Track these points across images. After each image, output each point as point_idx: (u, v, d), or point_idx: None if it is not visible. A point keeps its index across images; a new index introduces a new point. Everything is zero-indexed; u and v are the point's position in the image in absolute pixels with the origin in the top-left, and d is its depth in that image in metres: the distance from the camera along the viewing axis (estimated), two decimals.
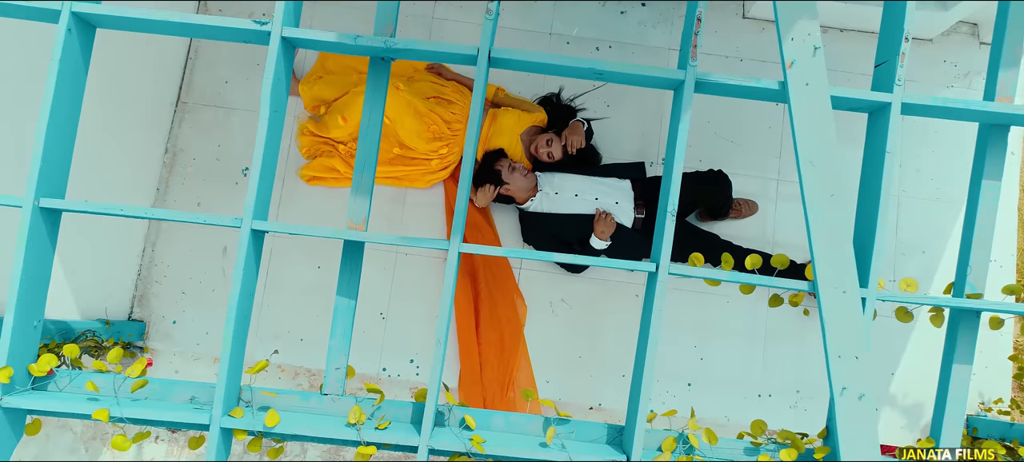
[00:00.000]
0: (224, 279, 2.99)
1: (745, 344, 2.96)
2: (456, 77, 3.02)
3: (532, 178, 2.80)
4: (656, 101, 3.09)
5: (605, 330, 2.96)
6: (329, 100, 2.97)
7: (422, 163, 2.93)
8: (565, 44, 3.13)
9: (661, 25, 3.14)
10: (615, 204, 2.78)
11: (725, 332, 2.96)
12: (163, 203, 3.03)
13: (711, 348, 2.97)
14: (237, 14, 3.14)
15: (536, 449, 1.24)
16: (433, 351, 2.86)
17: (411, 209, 3.01)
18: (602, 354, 2.95)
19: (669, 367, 2.94)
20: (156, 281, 2.99)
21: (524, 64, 1.32)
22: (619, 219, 2.76)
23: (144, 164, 2.95)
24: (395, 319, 2.97)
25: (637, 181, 2.86)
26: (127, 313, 2.97)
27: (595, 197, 2.78)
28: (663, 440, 1.28)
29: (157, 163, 3.02)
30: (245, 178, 3.03)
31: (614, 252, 2.80)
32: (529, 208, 2.82)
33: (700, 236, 2.85)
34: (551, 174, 2.84)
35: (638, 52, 3.12)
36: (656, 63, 3.09)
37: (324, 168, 2.97)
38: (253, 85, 3.08)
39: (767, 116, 3.05)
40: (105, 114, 2.49)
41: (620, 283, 2.96)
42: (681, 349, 2.95)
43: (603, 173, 2.89)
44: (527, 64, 1.31)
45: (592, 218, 2.74)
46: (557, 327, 2.96)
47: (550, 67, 1.30)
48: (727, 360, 2.96)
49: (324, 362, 2.84)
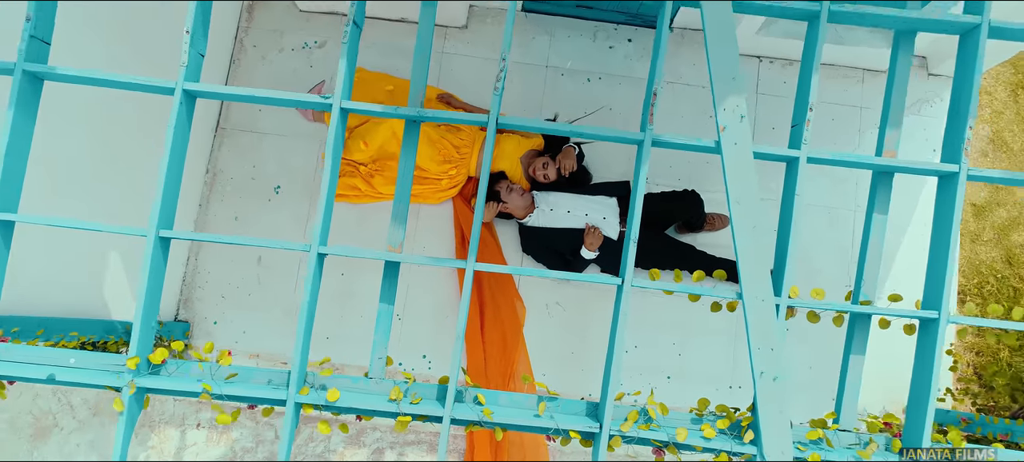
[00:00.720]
0: (259, 285, 3.39)
1: (719, 342, 3.36)
2: (464, 106, 3.42)
3: (528, 197, 3.20)
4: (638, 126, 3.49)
5: (594, 329, 3.37)
6: (351, 127, 3.37)
7: (434, 182, 3.33)
8: (560, 75, 3.54)
9: (644, 58, 3.54)
10: (603, 219, 3.18)
11: (701, 331, 3.36)
12: (205, 218, 3.43)
13: (689, 345, 3.37)
14: (273, 23, 3.53)
15: (532, 419, 1.65)
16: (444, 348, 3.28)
17: (424, 222, 3.42)
18: (592, 350, 3.36)
19: (651, 362, 3.34)
20: (199, 287, 3.39)
21: (524, 126, 1.72)
22: (606, 232, 3.16)
23: (189, 183, 3.33)
24: (409, 320, 3.37)
25: (622, 198, 3.26)
26: (174, 314, 3.37)
27: (585, 213, 3.18)
28: (628, 413, 1.68)
29: (200, 182, 3.43)
30: (277, 195, 3.44)
31: (602, 260, 3.20)
32: (528, 222, 3.23)
33: (678, 247, 3.25)
34: (547, 193, 3.24)
35: (624, 82, 3.53)
36: (639, 91, 3.49)
37: (347, 186, 3.37)
38: (283, 113, 3.48)
39: None
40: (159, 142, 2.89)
41: (606, 289, 3.36)
42: (661, 347, 3.36)
43: (592, 191, 3.29)
44: (527, 126, 1.71)
45: (583, 231, 3.14)
46: (552, 326, 3.37)
47: (543, 128, 1.70)
48: (702, 356, 3.37)
49: (347, 356, 3.25)
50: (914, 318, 1.65)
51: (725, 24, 1.59)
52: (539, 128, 1.70)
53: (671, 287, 1.65)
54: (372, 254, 1.66)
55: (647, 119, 1.64)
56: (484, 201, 1.65)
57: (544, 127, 1.70)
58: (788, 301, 1.62)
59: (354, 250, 1.65)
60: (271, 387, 1.65)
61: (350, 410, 1.63)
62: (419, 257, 1.69)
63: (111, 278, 2.82)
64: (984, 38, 1.60)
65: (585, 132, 1.68)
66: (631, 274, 1.63)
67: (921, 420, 1.62)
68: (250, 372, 1.69)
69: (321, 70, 3.52)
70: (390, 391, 1.65)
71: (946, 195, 1.64)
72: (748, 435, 1.62)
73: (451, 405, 1.61)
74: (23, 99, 1.61)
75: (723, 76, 1.59)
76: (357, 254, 1.64)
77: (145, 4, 2.63)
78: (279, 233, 3.40)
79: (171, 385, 1.60)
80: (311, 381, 1.68)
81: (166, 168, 1.60)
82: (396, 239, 1.72)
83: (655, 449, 1.68)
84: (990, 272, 3.74)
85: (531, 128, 1.70)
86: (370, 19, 3.48)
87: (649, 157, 1.64)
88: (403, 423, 1.62)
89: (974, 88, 1.59)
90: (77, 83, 1.66)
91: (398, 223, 1.72)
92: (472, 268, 1.62)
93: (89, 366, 1.62)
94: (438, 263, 1.67)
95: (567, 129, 1.70)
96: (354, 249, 1.66)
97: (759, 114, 3.52)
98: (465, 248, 3.35)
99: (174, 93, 1.62)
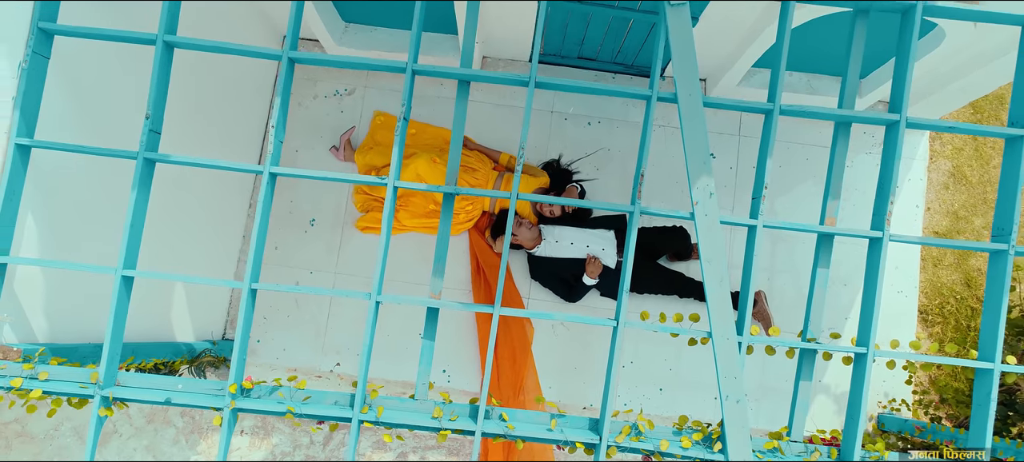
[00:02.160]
0: (297, 308, 3.82)
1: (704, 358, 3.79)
2: (478, 147, 3.85)
3: (536, 231, 3.63)
4: (633, 167, 3.92)
5: (593, 346, 3.80)
6: (378, 166, 3.80)
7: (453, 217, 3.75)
8: (563, 120, 3.97)
9: (639, 105, 3.96)
10: (602, 250, 3.61)
11: (689, 349, 3.79)
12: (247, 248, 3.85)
13: (678, 361, 3.80)
14: (308, 72, 3.97)
15: (545, 432, 2.07)
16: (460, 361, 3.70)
17: None
18: (592, 364, 3.79)
19: (644, 376, 3.77)
20: None
21: (538, 199, 2.14)
22: (605, 262, 3.59)
23: (233, 217, 3.78)
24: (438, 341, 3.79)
25: (618, 231, 3.69)
26: (221, 334, 3.80)
27: (586, 244, 3.61)
28: (622, 427, 2.11)
29: (243, 215, 3.85)
30: (312, 227, 3.86)
31: (601, 285, 3.64)
32: (536, 253, 3.65)
33: (668, 274, 3.68)
34: (553, 226, 3.67)
35: (621, 126, 3.96)
36: (635, 132, 3.92)
37: (374, 220, 3.80)
38: (318, 155, 3.91)
39: (722, 180, 3.89)
40: (211, 184, 3.33)
41: (606, 311, 3.79)
42: (655, 363, 3.79)
43: (593, 225, 3.72)
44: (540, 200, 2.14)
45: (584, 261, 3.57)
46: (557, 344, 3.80)
47: (572, 201, 2.12)
48: (690, 370, 3.79)
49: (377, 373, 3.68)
50: (849, 352, 2.08)
51: (697, 119, 2.01)
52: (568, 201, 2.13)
53: (656, 327, 2.08)
54: (420, 301, 2.09)
55: (636, 195, 2.07)
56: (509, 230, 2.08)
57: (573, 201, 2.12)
58: (748, 339, 2.04)
59: (406, 298, 2.08)
60: (338, 407, 2.08)
61: (401, 426, 2.06)
62: (454, 303, 2.12)
63: (177, 305, 3.24)
64: (903, 131, 2.03)
65: (581, 205, 2.11)
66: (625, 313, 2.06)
67: (854, 433, 2.05)
68: (321, 395, 2.12)
69: (350, 116, 3.95)
70: (433, 410, 2.07)
71: (874, 254, 2.06)
72: (717, 445, 2.05)
73: (482, 422, 2.03)
74: (143, 181, 2.04)
75: (696, 160, 2.02)
76: (409, 301, 2.06)
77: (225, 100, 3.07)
78: (314, 262, 3.83)
79: (261, 406, 2.03)
80: (368, 402, 2.11)
81: (257, 231, 2.02)
82: (437, 288, 2.15)
83: (644, 457, 2.11)
84: (950, 294, 4.16)
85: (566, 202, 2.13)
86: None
87: (639, 223, 2.06)
88: (443, 436, 2.05)
89: (894, 172, 2.01)
90: (183, 164, 2.08)
91: (437, 275, 2.15)
92: (498, 313, 2.05)
93: (196, 390, 2.05)
94: (469, 308, 2.10)
95: (558, 199, 2.12)
96: (406, 297, 2.08)
97: (742, 155, 3.94)
98: (480, 274, 3.78)
99: (262, 174, 2.05)
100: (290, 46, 2.09)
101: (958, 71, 3.21)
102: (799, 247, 3.88)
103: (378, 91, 3.98)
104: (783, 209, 3.90)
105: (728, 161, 3.92)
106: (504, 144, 3.88)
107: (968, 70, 3.16)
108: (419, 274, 3.79)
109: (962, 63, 3.15)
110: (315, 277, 3.82)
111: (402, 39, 3.73)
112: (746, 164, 3.93)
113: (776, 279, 3.87)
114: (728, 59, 3.50)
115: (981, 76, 3.16)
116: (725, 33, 3.25)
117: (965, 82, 3.23)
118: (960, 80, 3.23)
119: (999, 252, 2.03)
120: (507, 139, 3.89)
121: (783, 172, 3.90)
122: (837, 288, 3.85)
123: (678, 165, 3.88)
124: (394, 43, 3.73)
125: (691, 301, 3.73)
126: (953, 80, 3.28)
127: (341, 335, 3.81)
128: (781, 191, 3.89)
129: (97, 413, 2.00)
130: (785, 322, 3.75)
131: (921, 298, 4.13)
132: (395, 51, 3.69)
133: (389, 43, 3.73)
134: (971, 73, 3.16)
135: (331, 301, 3.82)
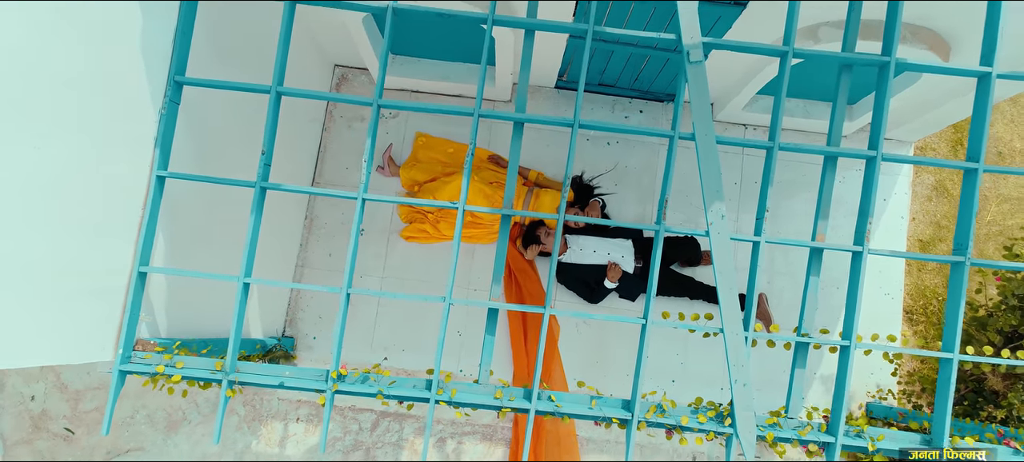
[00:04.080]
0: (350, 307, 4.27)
1: (712, 353, 4.25)
2: None
3: (562, 240, 4.09)
4: (650, 180, 4.39)
5: (612, 343, 4.26)
6: (421, 181, 4.26)
7: (486, 227, 4.21)
8: (586, 140, 4.42)
9: (653, 125, 4.42)
10: (621, 257, 4.07)
11: (699, 345, 4.25)
12: (305, 255, 4.32)
13: (689, 356, 4.26)
14: (356, 96, 4.44)
15: (587, 410, 2.53)
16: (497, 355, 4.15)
17: (478, 259, 4.31)
18: (611, 359, 4.25)
19: (659, 368, 4.23)
20: (301, 309, 4.28)
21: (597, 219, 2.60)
22: (624, 268, 4.05)
23: (291, 228, 4.24)
24: (467, 336, 4.26)
25: (637, 240, 4.15)
26: (281, 331, 4.26)
27: (607, 253, 4.07)
28: (649, 406, 2.57)
29: (300, 226, 4.32)
30: (362, 236, 4.33)
31: (621, 289, 4.09)
32: (562, 259, 4.12)
33: (680, 279, 4.14)
34: (577, 236, 4.13)
35: (637, 145, 4.42)
36: (650, 150, 4.38)
37: (418, 230, 4.26)
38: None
39: (727, 193, 4.35)
40: (275, 199, 3.78)
41: (625, 311, 4.25)
42: (667, 356, 4.25)
43: (612, 235, 4.17)
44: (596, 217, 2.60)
45: (606, 267, 4.03)
46: (581, 340, 4.26)
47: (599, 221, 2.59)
48: (699, 364, 4.26)
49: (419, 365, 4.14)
50: (835, 344, 2.54)
51: (712, 156, 2.47)
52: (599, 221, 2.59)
53: (676, 324, 2.54)
54: (481, 304, 2.55)
55: (660, 216, 2.53)
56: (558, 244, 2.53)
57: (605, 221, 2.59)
58: (753, 334, 2.50)
59: (473, 302, 2.54)
60: (415, 390, 2.54)
61: (469, 405, 2.52)
62: (509, 305, 2.58)
63: (251, 307, 3.70)
64: (879, 164, 2.49)
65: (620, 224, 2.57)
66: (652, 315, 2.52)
67: (839, 410, 2.51)
68: (403, 381, 2.58)
69: (394, 136, 4.41)
70: (494, 392, 2.54)
71: (856, 265, 2.52)
72: (727, 421, 2.51)
73: (535, 401, 2.50)
74: (258, 205, 2.50)
75: (711, 189, 2.48)
76: (474, 303, 2.52)
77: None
78: (363, 268, 4.29)
79: (356, 389, 2.49)
80: (441, 385, 2.57)
81: (352, 254, 2.49)
82: (495, 293, 2.61)
83: (667, 430, 2.57)
84: (933, 296, 4.62)
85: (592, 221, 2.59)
86: (432, 94, 4.37)
87: (662, 240, 2.52)
88: (503, 413, 2.51)
89: (872, 197, 2.47)
90: (291, 191, 2.54)
91: (496, 282, 2.61)
92: (548, 313, 2.51)
93: (303, 377, 2.51)
94: (523, 309, 2.56)
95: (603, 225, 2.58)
96: (473, 301, 2.54)
97: (746, 170, 4.40)
98: (511, 279, 4.23)
99: (357, 199, 2.51)
100: (378, 94, 2.54)
101: (935, 101, 3.68)
102: (796, 253, 4.33)
103: (419, 114, 4.44)
104: (782, 215, 4.35)
105: (733, 177, 4.38)
106: (531, 161, 4.34)
107: (944, 101, 3.62)
108: (427, 273, 4.26)
109: (938, 96, 3.62)
110: (365, 280, 4.28)
111: (444, 69, 4.19)
112: (749, 179, 4.38)
113: (776, 281, 4.33)
114: (735, 86, 3.96)
115: (956, 106, 3.63)
116: (732, 66, 3.72)
117: (941, 111, 3.69)
118: (937, 109, 3.70)
119: (958, 263, 2.49)
120: (534, 156, 4.35)
121: (781, 184, 4.36)
122: (830, 290, 4.30)
123: (688, 178, 4.33)
124: (436, 72, 4.19)
125: (700, 302, 4.19)
126: (931, 109, 3.74)
127: (389, 331, 4.27)
128: (781, 198, 4.35)
129: (224, 394, 2.46)
130: (784, 320, 4.21)
131: (906, 300, 4.59)
132: (436, 79, 4.15)
133: (431, 72, 4.19)
134: (947, 103, 3.62)
135: (379, 302, 4.28)
